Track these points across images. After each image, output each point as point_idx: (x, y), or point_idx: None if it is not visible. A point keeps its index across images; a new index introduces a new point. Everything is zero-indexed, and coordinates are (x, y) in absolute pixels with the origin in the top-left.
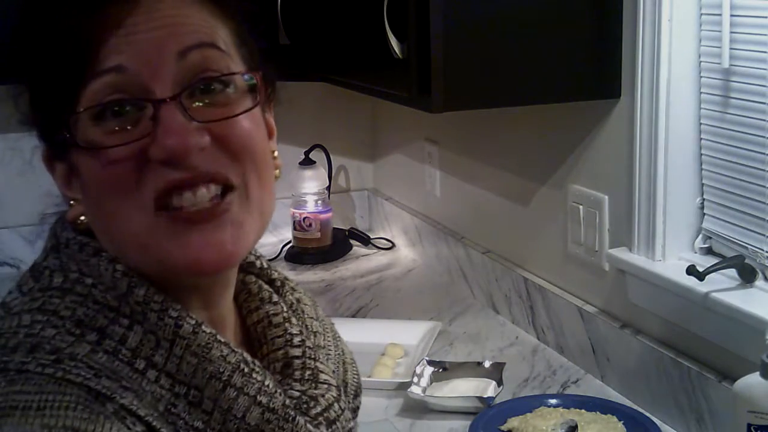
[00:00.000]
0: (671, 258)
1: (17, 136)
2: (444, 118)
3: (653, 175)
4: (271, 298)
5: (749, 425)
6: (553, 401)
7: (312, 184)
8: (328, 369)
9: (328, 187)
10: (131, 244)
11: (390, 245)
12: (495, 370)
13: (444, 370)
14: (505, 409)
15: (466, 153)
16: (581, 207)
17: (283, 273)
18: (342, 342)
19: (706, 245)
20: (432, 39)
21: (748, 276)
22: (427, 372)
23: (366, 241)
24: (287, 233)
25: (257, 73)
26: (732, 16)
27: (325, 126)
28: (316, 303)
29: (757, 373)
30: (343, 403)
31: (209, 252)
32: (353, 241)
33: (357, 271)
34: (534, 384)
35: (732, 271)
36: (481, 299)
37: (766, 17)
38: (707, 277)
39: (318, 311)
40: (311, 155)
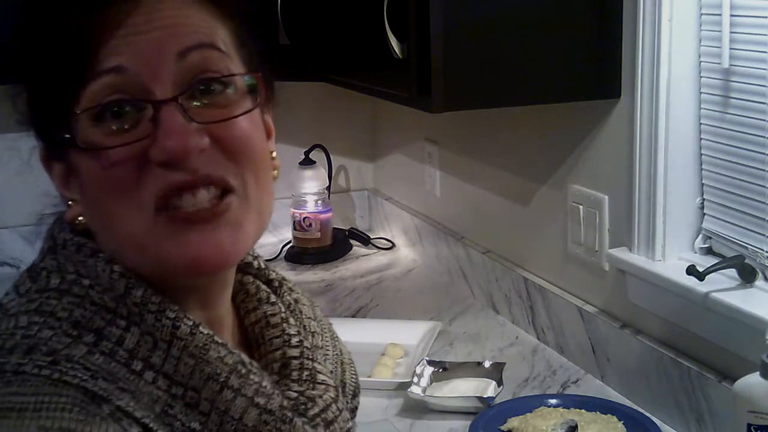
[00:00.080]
0: (671, 258)
1: (15, 136)
2: (444, 118)
3: (653, 175)
4: (269, 298)
5: (749, 425)
6: (553, 401)
7: (312, 184)
8: (326, 369)
9: (328, 187)
10: (130, 244)
11: (390, 245)
12: (495, 370)
13: (444, 370)
14: (505, 409)
15: (466, 153)
16: (581, 207)
17: (281, 273)
18: (340, 342)
19: (706, 245)
20: (432, 39)
21: (748, 276)
22: (427, 372)
23: (366, 241)
24: (287, 233)
25: (257, 75)
26: (732, 16)
27: (325, 126)
28: (314, 303)
29: (757, 373)
30: (341, 404)
31: (208, 252)
32: (353, 241)
33: (357, 271)
34: (534, 384)
35: (732, 271)
36: (481, 299)
37: (766, 17)
38: (707, 277)
39: (316, 311)
40: (311, 155)
